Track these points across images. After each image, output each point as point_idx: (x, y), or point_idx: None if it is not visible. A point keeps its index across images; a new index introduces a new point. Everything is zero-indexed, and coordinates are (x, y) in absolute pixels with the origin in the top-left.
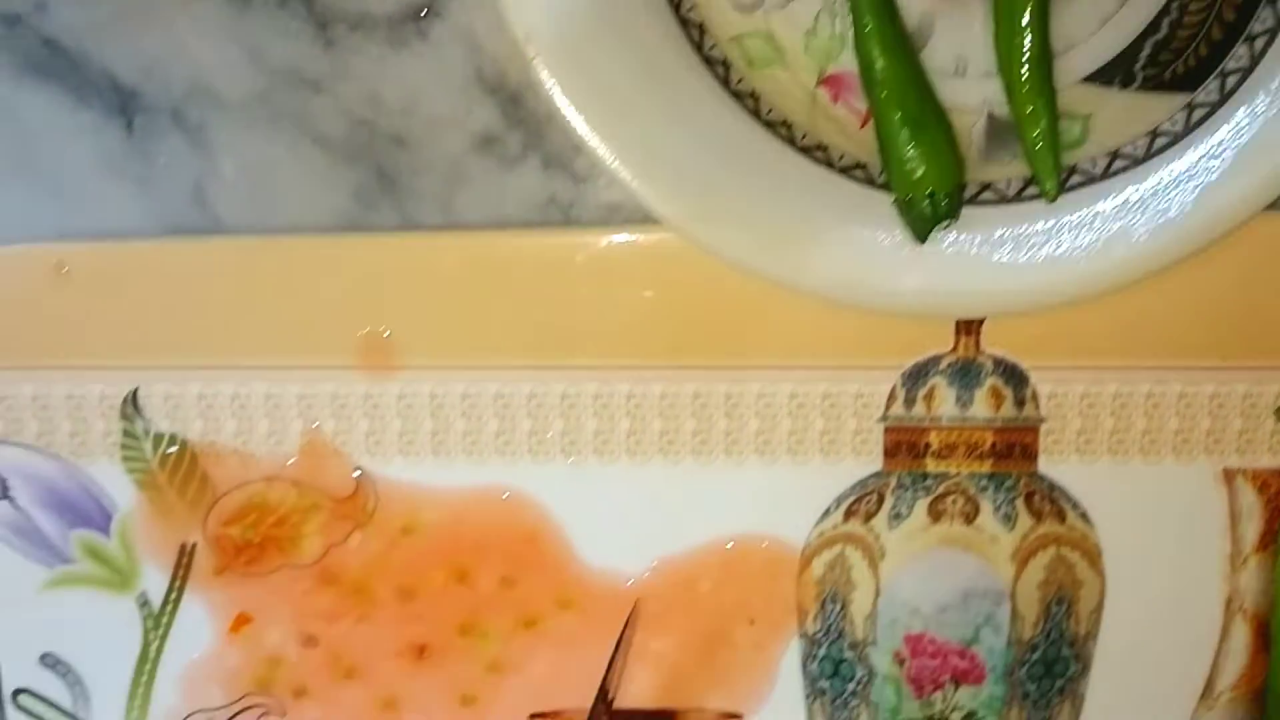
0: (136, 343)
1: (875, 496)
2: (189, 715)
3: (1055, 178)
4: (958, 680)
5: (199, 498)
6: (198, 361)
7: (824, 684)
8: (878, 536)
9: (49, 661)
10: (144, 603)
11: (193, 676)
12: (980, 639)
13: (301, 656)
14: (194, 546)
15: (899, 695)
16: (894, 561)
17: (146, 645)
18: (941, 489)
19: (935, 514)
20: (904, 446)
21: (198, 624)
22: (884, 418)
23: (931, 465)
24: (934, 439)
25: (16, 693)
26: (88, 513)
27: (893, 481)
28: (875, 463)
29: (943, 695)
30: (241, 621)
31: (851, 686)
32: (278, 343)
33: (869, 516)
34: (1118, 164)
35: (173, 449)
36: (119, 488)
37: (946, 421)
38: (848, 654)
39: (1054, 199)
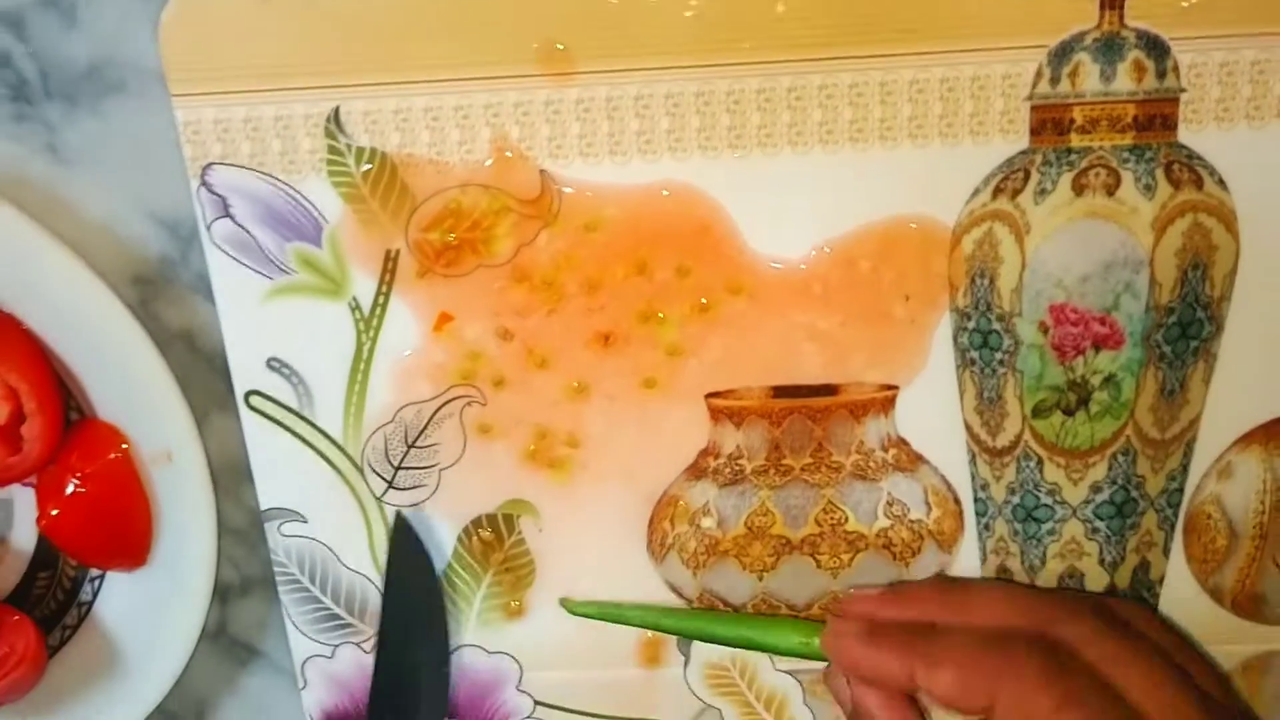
0: (335, 63)
1: (1022, 174)
2: (401, 407)
3: None
4: (1098, 345)
5: (399, 207)
6: (392, 78)
7: (973, 354)
8: (1024, 212)
9: (274, 364)
10: (355, 307)
11: (402, 372)
12: (1120, 306)
13: (499, 349)
14: (397, 253)
15: (1043, 362)
16: (1039, 236)
17: (359, 346)
18: (1085, 163)
19: (1079, 188)
20: (1049, 124)
21: (404, 324)
22: (1030, 96)
23: (1075, 140)
24: (1078, 114)
25: (248, 394)
26: (301, 226)
27: (1038, 158)
28: (1022, 141)
29: (1084, 360)
30: (443, 320)
31: (999, 356)
32: (464, 55)
33: (1015, 193)
34: None
35: (373, 163)
36: (327, 201)
37: (1090, 96)
38: (995, 325)
39: None
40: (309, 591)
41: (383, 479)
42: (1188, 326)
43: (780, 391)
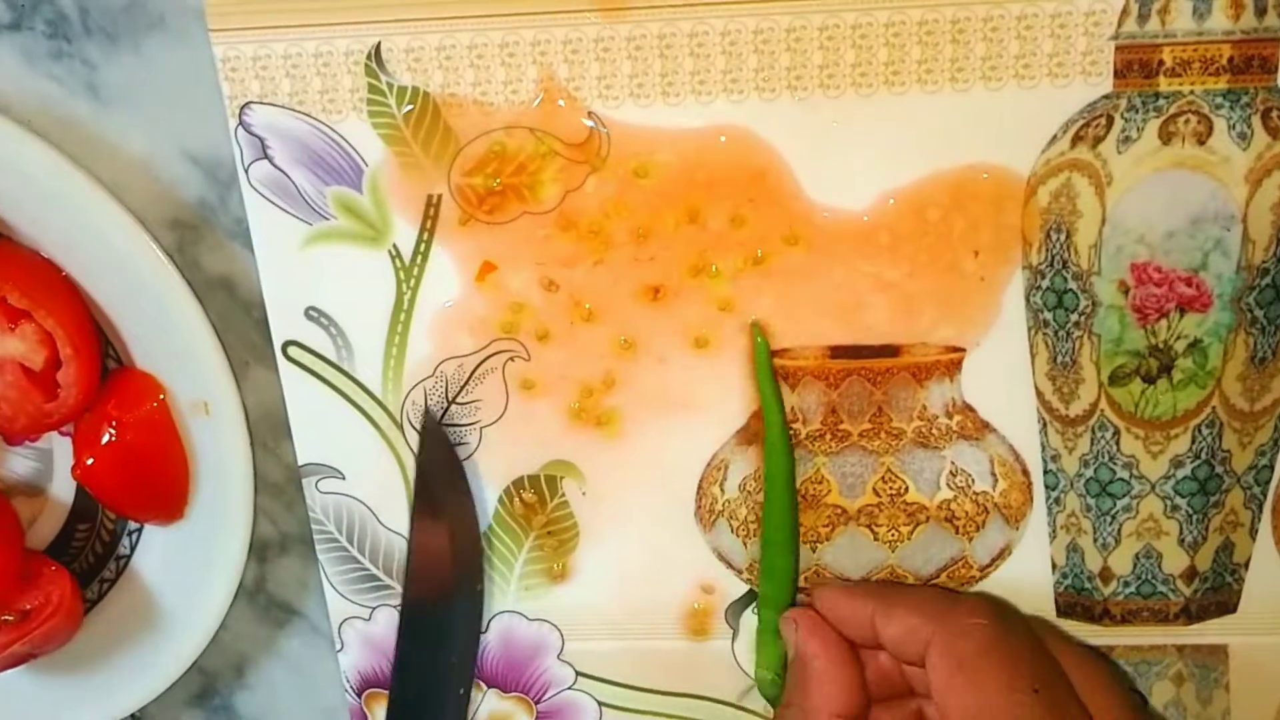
0: None
1: (1104, 120)
2: (442, 361)
3: None
4: (1183, 308)
5: (442, 150)
6: (435, 13)
7: (1047, 315)
8: (1105, 162)
9: (313, 314)
10: (395, 255)
11: (443, 325)
12: (1208, 265)
13: (543, 301)
14: (439, 198)
15: (1122, 325)
16: (1121, 188)
17: (400, 296)
18: (1173, 109)
19: (1166, 136)
20: (1136, 65)
21: (446, 274)
22: (1115, 35)
23: (1164, 84)
24: (1167, 55)
25: (286, 345)
26: (340, 169)
27: (1123, 103)
28: (1105, 84)
29: (1167, 324)
30: (486, 269)
31: (1074, 317)
32: None
33: (1097, 141)
34: None
35: (415, 103)
36: (368, 143)
37: (1181, 36)
38: (1072, 284)
39: None
40: (347, 551)
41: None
42: None
43: (838, 351)
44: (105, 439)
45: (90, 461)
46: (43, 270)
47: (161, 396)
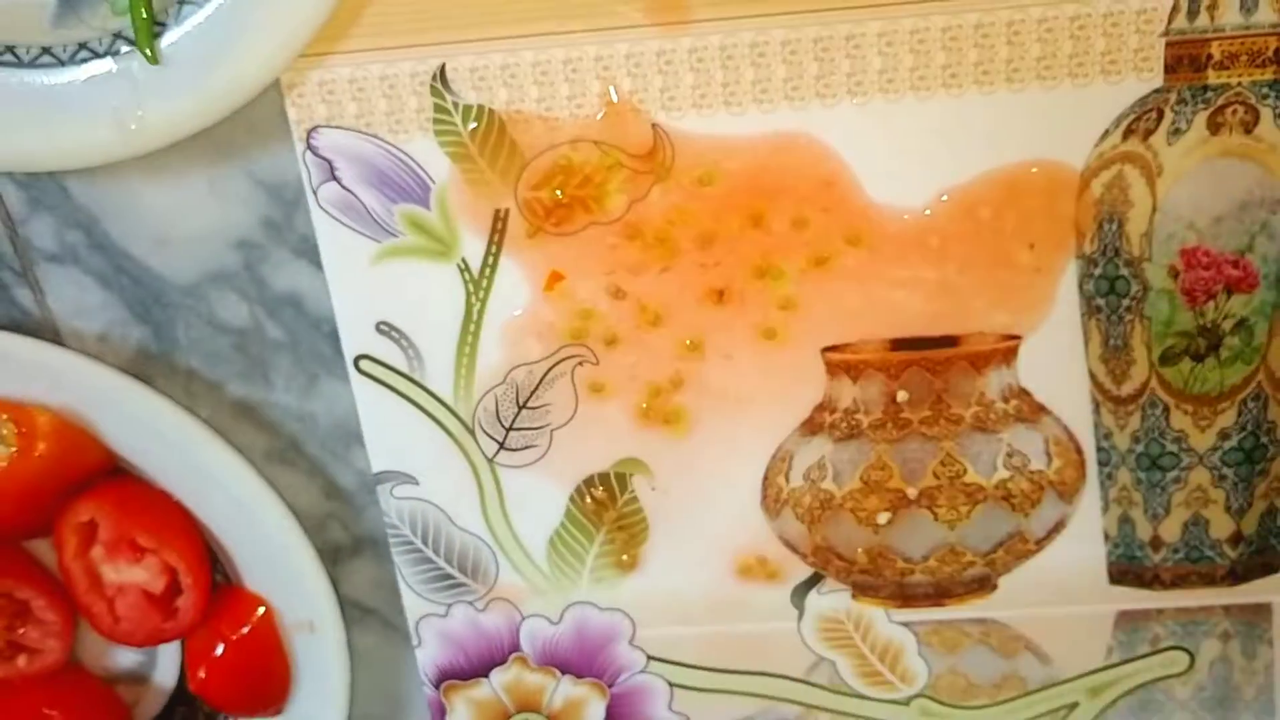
0: (441, 19)
1: (1155, 113)
2: (512, 368)
3: None
4: (1230, 289)
5: (508, 165)
6: (498, 32)
7: (1100, 301)
8: (1156, 153)
9: (384, 328)
10: (464, 268)
11: (512, 333)
12: (1254, 247)
13: (611, 307)
14: (507, 212)
15: (1172, 307)
16: (1171, 177)
17: (469, 307)
18: (1221, 100)
19: (1214, 126)
20: (1185, 60)
21: (514, 284)
22: (1166, 32)
23: (1213, 77)
24: (1216, 50)
25: (358, 359)
26: (408, 187)
27: (1173, 97)
28: (1156, 79)
29: (1215, 305)
30: (554, 279)
31: (1126, 302)
32: (572, 6)
33: (1148, 134)
34: None
35: (480, 120)
36: (434, 161)
37: (1230, 30)
38: (1123, 271)
39: None
40: (422, 552)
41: (494, 440)
42: None
43: (899, 344)
44: (217, 652)
45: (203, 675)
46: (164, 506)
47: (261, 610)
